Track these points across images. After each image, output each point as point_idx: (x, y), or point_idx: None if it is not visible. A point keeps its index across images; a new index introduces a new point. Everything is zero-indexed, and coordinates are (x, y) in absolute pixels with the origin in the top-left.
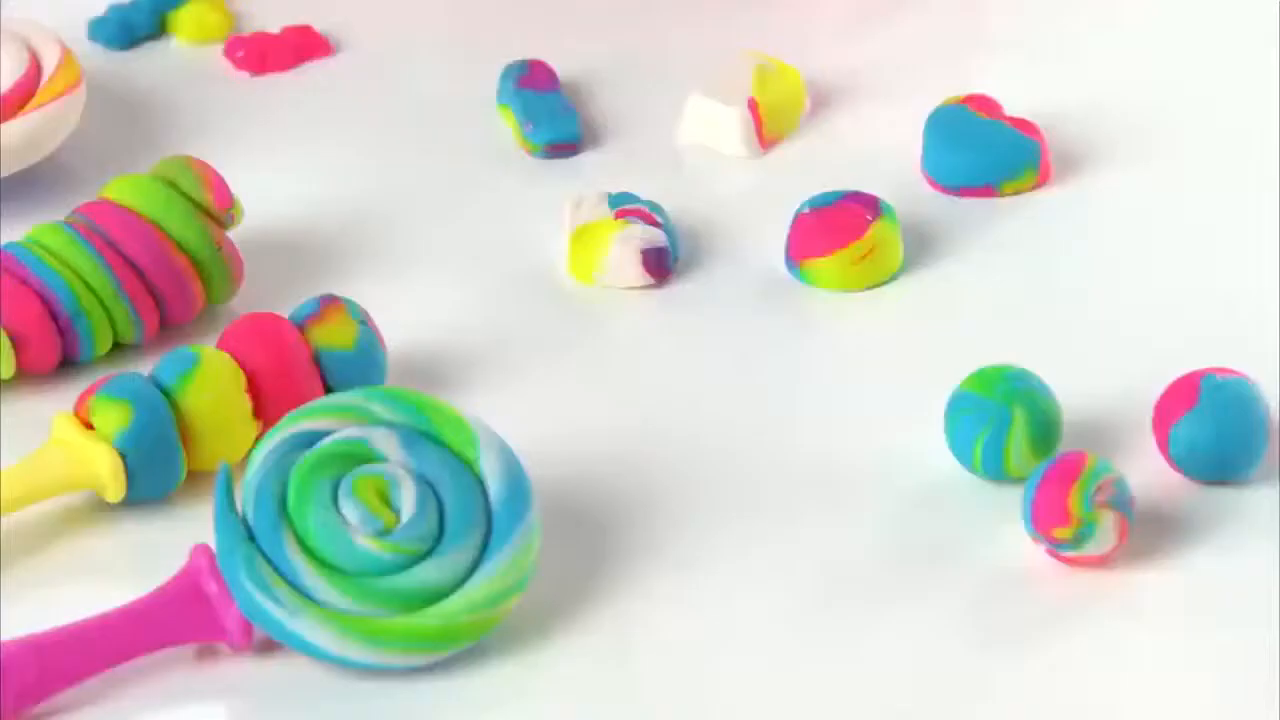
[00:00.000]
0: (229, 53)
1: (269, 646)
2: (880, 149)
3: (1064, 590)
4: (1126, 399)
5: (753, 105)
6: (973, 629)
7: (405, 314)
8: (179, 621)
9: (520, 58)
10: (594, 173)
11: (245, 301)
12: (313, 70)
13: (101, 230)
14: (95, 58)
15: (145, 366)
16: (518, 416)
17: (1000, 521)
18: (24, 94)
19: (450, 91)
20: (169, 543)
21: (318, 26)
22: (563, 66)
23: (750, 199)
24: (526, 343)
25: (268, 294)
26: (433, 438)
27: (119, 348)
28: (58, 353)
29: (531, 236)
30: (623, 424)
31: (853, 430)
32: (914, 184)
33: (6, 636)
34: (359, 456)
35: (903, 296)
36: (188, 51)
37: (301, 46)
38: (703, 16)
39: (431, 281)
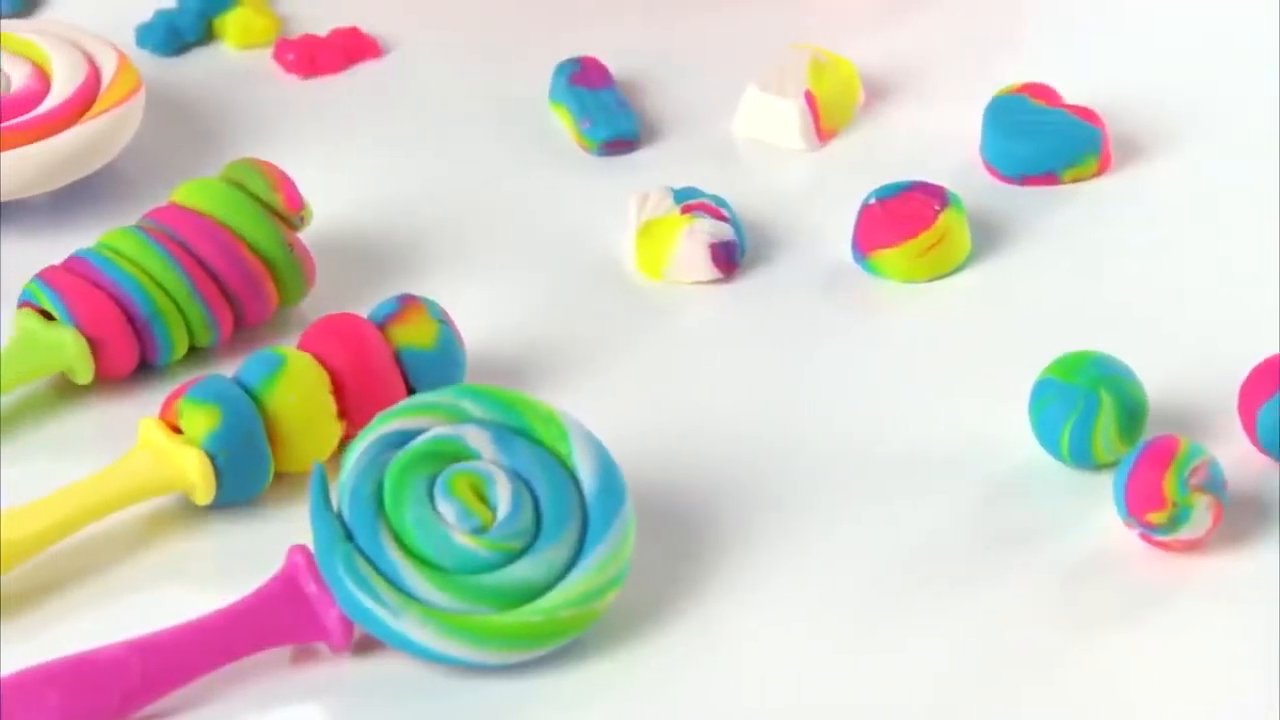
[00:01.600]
0: (278, 56)
1: (365, 646)
2: (937, 139)
3: (1155, 574)
4: (1207, 383)
5: (810, 98)
6: (1063, 612)
7: (476, 312)
8: (279, 622)
9: (564, 55)
10: (652, 168)
11: (313, 303)
12: (362, 72)
13: (174, 234)
14: (144, 64)
15: (220, 370)
16: (596, 412)
17: (1087, 506)
18: (85, 101)
19: (501, 90)
20: (258, 544)
21: (364, 28)
22: (610, 63)
23: (810, 191)
24: (599, 338)
25: (335, 295)
26: (524, 434)
27: (193, 351)
28: (135, 357)
29: (595, 233)
30: (702, 417)
31: (932, 419)
32: (974, 173)
33: (107, 640)
34: (453, 454)
35: (972, 285)
36: (236, 56)
37: (350, 48)
38: (739, 10)
39: (500, 280)
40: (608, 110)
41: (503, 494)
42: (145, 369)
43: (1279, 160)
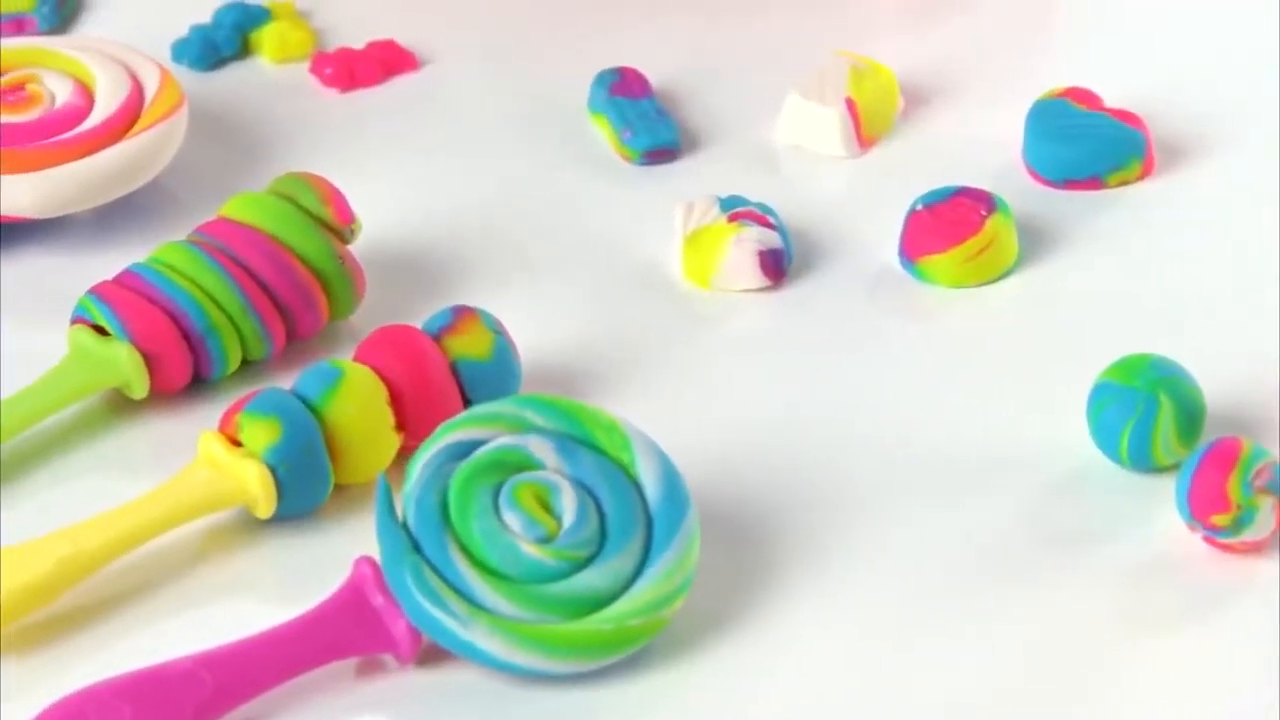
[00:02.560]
0: (316, 70)
1: (430, 657)
2: (976, 143)
3: (1217, 576)
4: (1259, 384)
5: (850, 105)
6: (1126, 614)
7: (525, 322)
8: (347, 634)
9: (599, 65)
10: (693, 177)
11: (361, 315)
12: (400, 84)
13: (227, 248)
14: (182, 79)
15: (272, 383)
16: (650, 420)
17: (1145, 508)
18: (129, 117)
19: (538, 101)
20: (318, 557)
21: (399, 40)
22: (645, 72)
23: (853, 198)
24: (650, 347)
25: (382, 307)
26: (587, 443)
27: (245, 364)
28: (189, 372)
29: (640, 243)
30: (757, 423)
31: (987, 423)
32: (1016, 177)
33: (173, 655)
34: (517, 464)
35: (1020, 290)
36: (272, 70)
37: (388, 61)
38: (772, 18)
39: (548, 290)
40: (648, 120)
41: (568, 503)
42: (198, 383)
43: None
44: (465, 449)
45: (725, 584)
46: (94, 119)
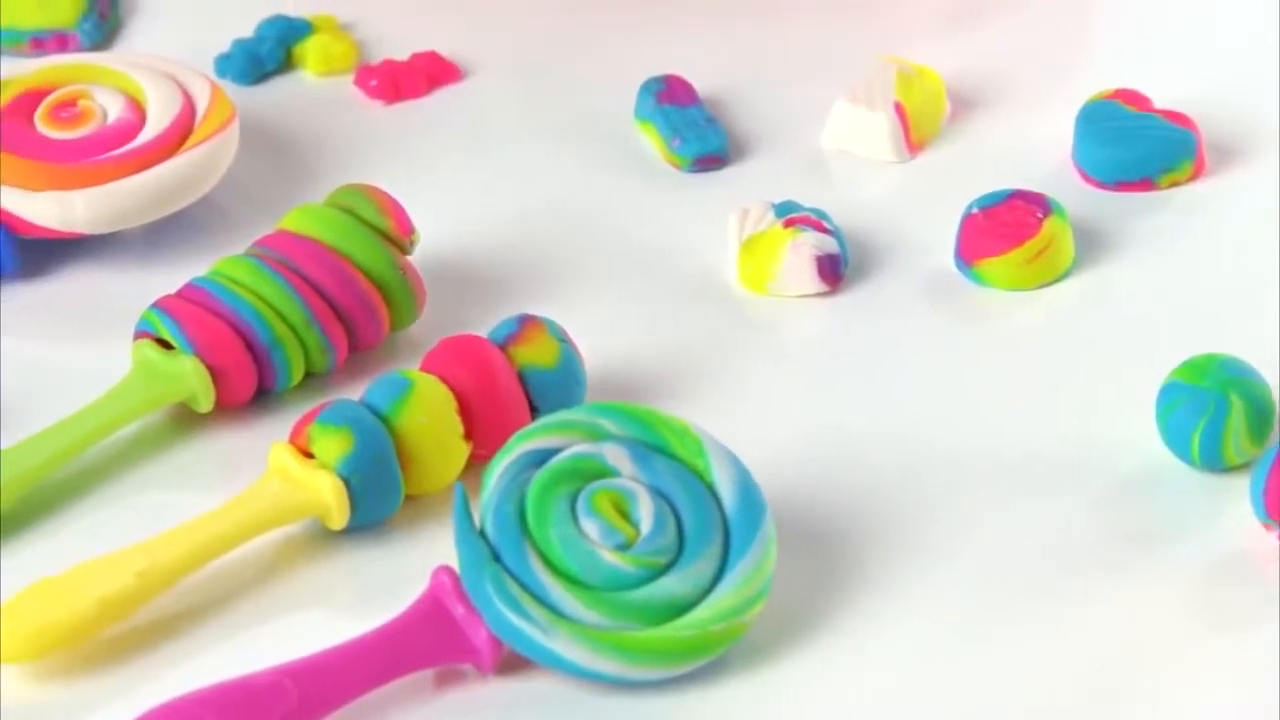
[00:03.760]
0: (360, 82)
1: (509, 666)
2: (1025, 146)
3: None
4: None
5: (899, 109)
6: (1201, 613)
7: (584, 330)
8: (428, 644)
9: (641, 73)
10: (743, 184)
11: (420, 326)
12: (445, 95)
13: (289, 260)
14: (228, 93)
15: (333, 395)
16: (715, 426)
17: (1216, 508)
18: (182, 132)
19: (583, 110)
20: (390, 567)
21: (441, 52)
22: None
23: (905, 202)
24: (710, 354)
25: (440, 317)
26: (662, 449)
27: (307, 377)
28: (253, 385)
29: (694, 249)
30: (822, 428)
31: (1053, 424)
32: (1067, 180)
33: (249, 669)
34: (593, 472)
35: (1078, 291)
36: (316, 83)
37: (432, 72)
38: (813, 23)
39: (605, 298)
40: (697, 127)
41: (645, 510)
42: (261, 395)
43: None
44: (541, 457)
45: (798, 588)
46: (147, 134)
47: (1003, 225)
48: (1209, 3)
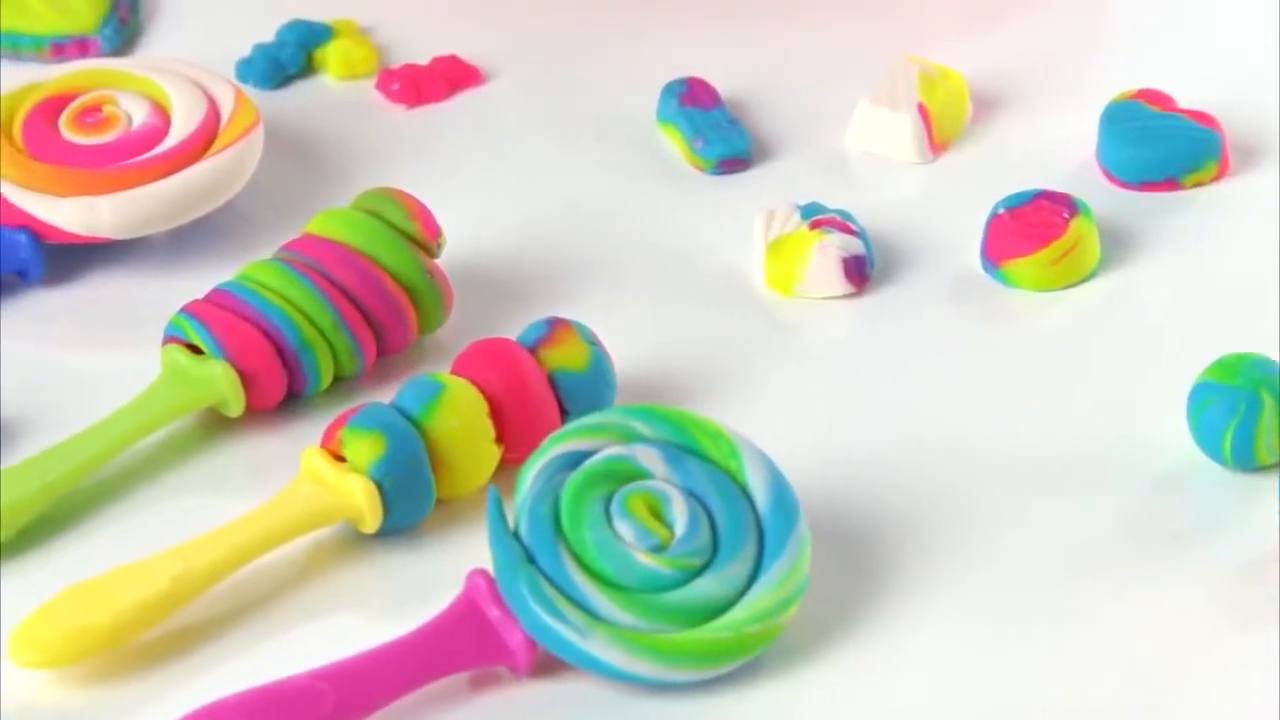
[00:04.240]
0: (382, 86)
1: (543, 668)
2: (1048, 147)
3: None
4: None
5: (922, 110)
6: (1232, 611)
7: (612, 333)
8: (463, 647)
9: (660, 76)
10: (767, 186)
11: (447, 330)
12: (467, 99)
13: (317, 264)
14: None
15: (362, 399)
16: (748, 428)
17: (1247, 507)
18: (208, 136)
19: (605, 112)
20: (422, 571)
21: (461, 55)
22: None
23: (929, 203)
24: (738, 355)
25: (468, 321)
26: (695, 451)
27: (336, 381)
28: (283, 389)
29: (719, 251)
30: (852, 429)
31: (1083, 424)
32: (1091, 180)
33: (283, 673)
34: (626, 474)
35: (1105, 291)
36: (338, 87)
37: (453, 76)
38: (834, 25)
39: (631, 301)
40: (720, 129)
41: (679, 512)
42: (291, 399)
43: None
44: (574, 460)
45: (830, 589)
46: (172, 139)
47: (1029, 226)
48: (1230, 2)
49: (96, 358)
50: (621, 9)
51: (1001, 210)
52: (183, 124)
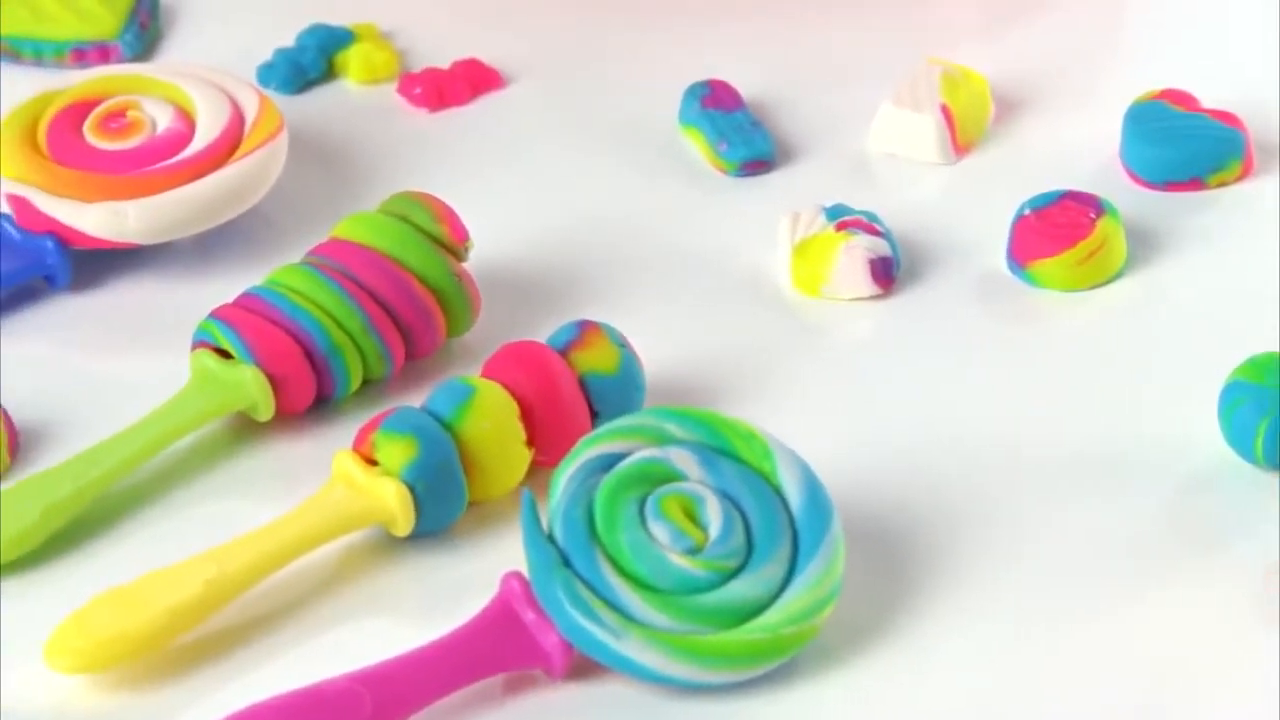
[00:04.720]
0: (404, 90)
1: (579, 670)
2: (1072, 147)
3: None
4: None
5: (945, 111)
6: (1261, 609)
7: (640, 336)
8: (499, 650)
9: (681, 78)
10: (790, 187)
11: (475, 333)
12: (489, 102)
13: (345, 268)
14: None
15: (391, 402)
16: (776, 429)
17: (1276, 506)
18: (232, 141)
19: (627, 115)
20: (454, 574)
21: (482, 59)
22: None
23: (953, 204)
24: (767, 357)
25: (495, 324)
26: (728, 453)
27: (364, 384)
28: (313, 393)
29: (744, 253)
30: (882, 430)
31: (1113, 424)
32: (1115, 180)
33: (318, 676)
34: (660, 476)
35: (1131, 291)
36: (359, 91)
37: (475, 80)
38: (855, 26)
39: (658, 303)
40: (743, 131)
41: (713, 514)
42: (320, 403)
43: None
44: (608, 462)
45: (863, 591)
46: (197, 144)
47: (1055, 226)
48: (1250, 1)
49: (124, 363)
50: (643, 11)
51: (1027, 211)
52: (207, 129)
